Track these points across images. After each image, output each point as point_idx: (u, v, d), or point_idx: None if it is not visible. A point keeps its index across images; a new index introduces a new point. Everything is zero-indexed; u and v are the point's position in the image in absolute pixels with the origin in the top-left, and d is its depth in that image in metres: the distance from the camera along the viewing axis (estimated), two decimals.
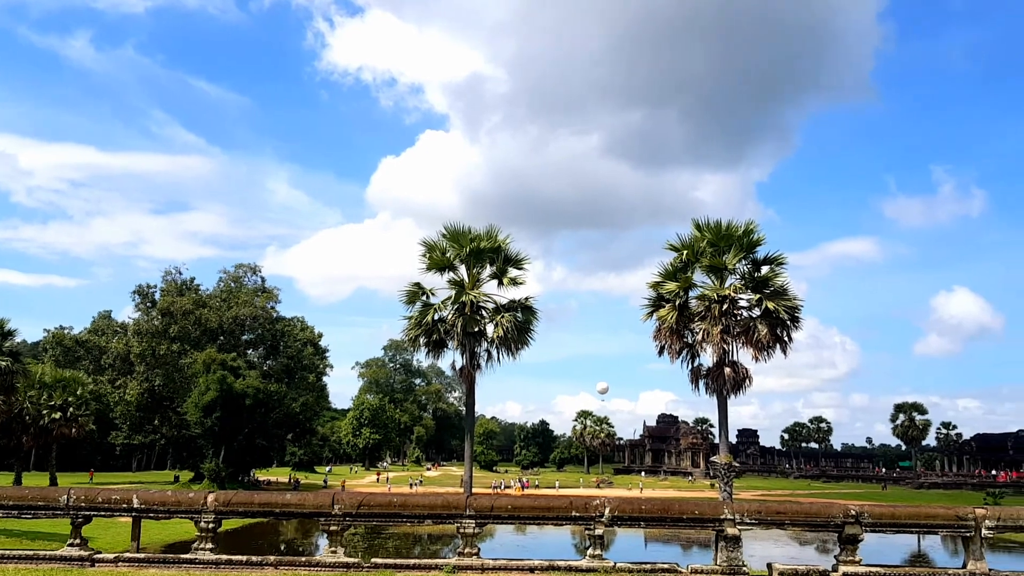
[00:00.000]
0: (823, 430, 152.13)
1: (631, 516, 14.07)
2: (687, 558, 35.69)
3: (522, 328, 26.56)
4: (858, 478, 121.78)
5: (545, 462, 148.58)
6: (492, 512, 14.02)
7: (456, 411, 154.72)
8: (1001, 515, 14.14)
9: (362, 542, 35.05)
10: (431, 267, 26.84)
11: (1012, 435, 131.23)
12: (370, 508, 14.04)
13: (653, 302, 26.25)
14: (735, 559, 13.72)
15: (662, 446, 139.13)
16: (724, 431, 26.75)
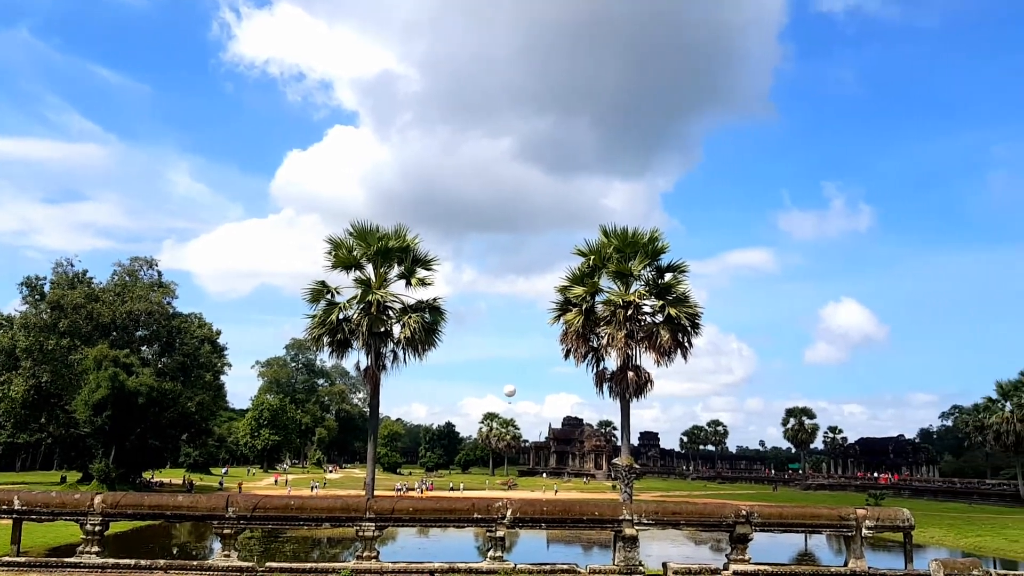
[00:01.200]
0: (720, 433, 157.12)
1: (533, 518, 14.17)
2: (587, 558, 36.19)
3: (429, 329, 26.38)
4: (751, 479, 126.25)
5: (450, 464, 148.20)
6: (393, 515, 13.88)
7: (360, 412, 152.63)
8: (880, 516, 14.91)
9: (258, 546, 34.11)
10: (337, 265, 26.36)
11: (892, 440, 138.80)
12: (266, 511, 13.69)
13: (560, 306, 26.52)
14: (632, 559, 14.00)
15: (566, 448, 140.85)
16: (626, 434, 27.24)
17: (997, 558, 39.11)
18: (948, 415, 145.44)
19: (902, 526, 15.09)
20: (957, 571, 13.91)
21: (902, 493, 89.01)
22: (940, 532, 50.31)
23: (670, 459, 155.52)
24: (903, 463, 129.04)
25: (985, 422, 74.63)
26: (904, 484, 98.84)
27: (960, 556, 33.38)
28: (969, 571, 14.00)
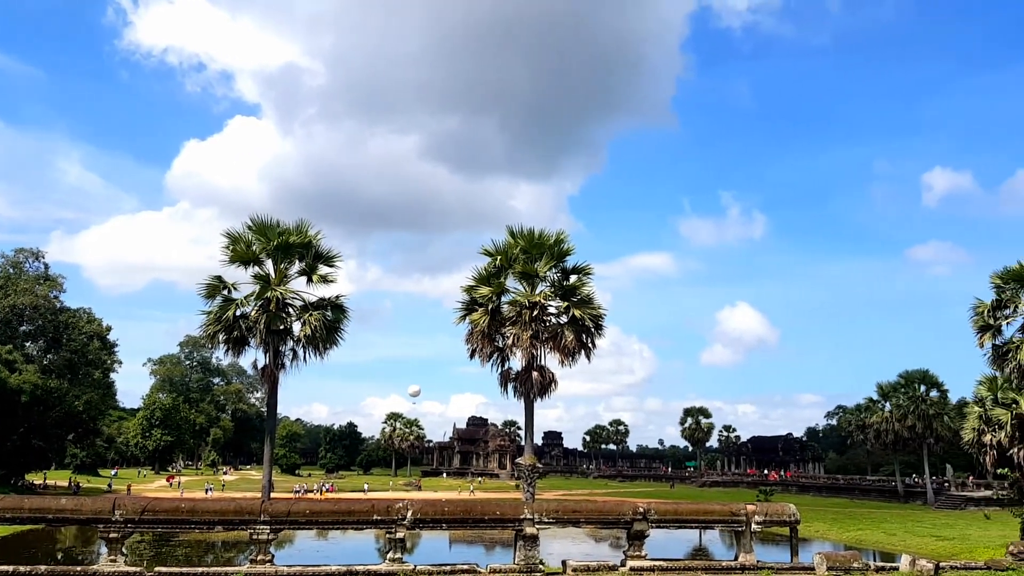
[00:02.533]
0: (621, 432, 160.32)
1: (434, 519, 14.08)
2: (489, 558, 36.29)
3: (331, 327, 25.87)
4: (650, 477, 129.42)
5: (351, 465, 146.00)
6: (289, 517, 13.55)
7: (258, 412, 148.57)
8: (768, 511, 15.50)
9: (149, 550, 32.82)
10: (235, 260, 25.53)
11: (781, 438, 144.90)
12: (155, 514, 13.13)
13: (466, 306, 26.46)
14: (532, 557, 14.10)
15: (471, 448, 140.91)
16: (530, 433, 27.44)
17: (876, 551, 41.28)
18: (833, 415, 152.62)
19: (788, 521, 15.72)
20: (838, 564, 14.58)
21: (790, 489, 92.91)
22: (824, 526, 52.78)
23: (573, 458, 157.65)
24: (792, 460, 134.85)
25: (866, 421, 78.64)
26: (792, 481, 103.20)
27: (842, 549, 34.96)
28: (849, 564, 14.70)
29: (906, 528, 49.36)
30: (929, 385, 73.67)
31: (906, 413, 72.70)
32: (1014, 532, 32.33)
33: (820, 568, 14.54)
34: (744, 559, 14.69)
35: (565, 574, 14.22)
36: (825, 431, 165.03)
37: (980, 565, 16.17)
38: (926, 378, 73.84)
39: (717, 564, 15.13)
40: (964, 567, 16.00)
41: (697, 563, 14.95)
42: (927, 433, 71.91)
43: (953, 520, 54.06)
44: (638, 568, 14.05)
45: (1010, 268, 27.06)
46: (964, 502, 67.85)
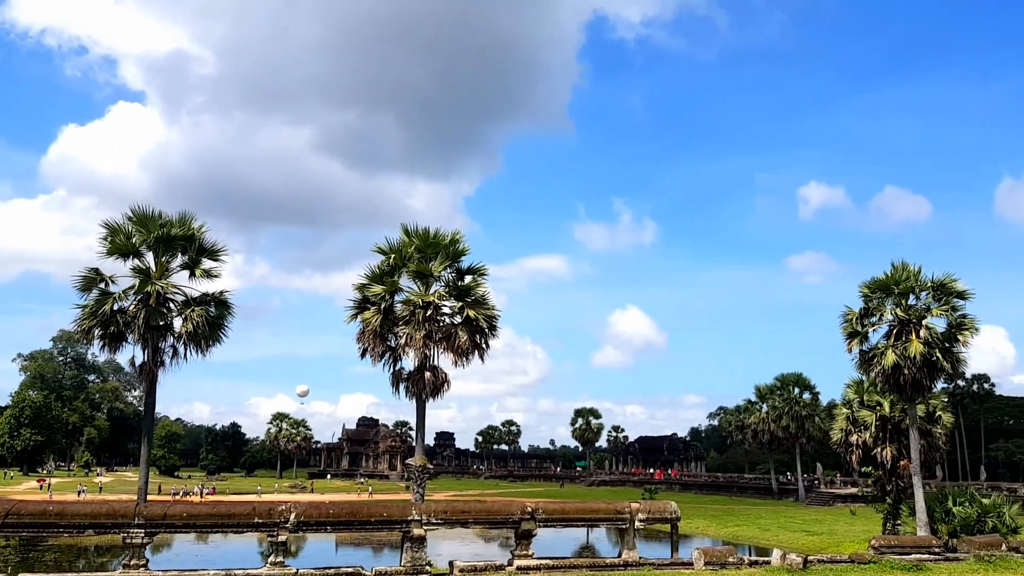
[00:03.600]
0: (513, 433, 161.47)
1: (318, 521, 13.79)
2: (376, 560, 35.91)
3: (214, 324, 24.97)
4: (541, 477, 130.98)
5: (235, 467, 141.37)
6: (165, 520, 12.99)
7: (135, 411, 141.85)
8: (651, 509, 15.95)
9: (15, 555, 30.84)
10: (113, 252, 24.29)
11: (667, 438, 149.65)
12: (20, 517, 12.34)
13: (358, 304, 26.06)
14: (419, 559, 14.02)
15: (361, 449, 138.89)
16: (421, 434, 27.26)
17: (752, 546, 43.12)
18: (715, 415, 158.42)
19: (670, 518, 16.22)
20: (715, 559, 15.15)
21: (674, 487, 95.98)
22: (705, 523, 54.72)
23: (465, 459, 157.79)
24: (676, 459, 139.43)
25: (745, 422, 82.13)
26: (676, 479, 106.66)
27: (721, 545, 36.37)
28: (725, 558, 15.30)
29: (779, 524, 51.81)
30: (802, 388, 77.62)
31: (781, 414, 76.35)
32: (877, 527, 34.45)
33: (698, 563, 15.07)
34: (627, 556, 15.06)
35: (452, 575, 14.20)
36: (707, 431, 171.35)
37: (845, 559, 17.12)
38: (800, 381, 77.78)
39: (602, 561, 15.44)
40: (831, 560, 16.90)
41: (582, 561, 15.22)
42: (800, 433, 75.71)
43: (822, 516, 57.11)
44: (525, 567, 14.18)
45: (877, 278, 28.70)
46: (832, 499, 71.77)
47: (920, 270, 28.22)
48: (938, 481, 65.15)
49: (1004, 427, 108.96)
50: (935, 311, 27.82)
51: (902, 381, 27.49)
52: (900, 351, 27.20)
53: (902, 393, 28.45)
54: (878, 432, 33.00)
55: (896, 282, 28.26)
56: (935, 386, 30.35)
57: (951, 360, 27.55)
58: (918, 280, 28.12)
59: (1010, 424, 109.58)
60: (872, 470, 34.05)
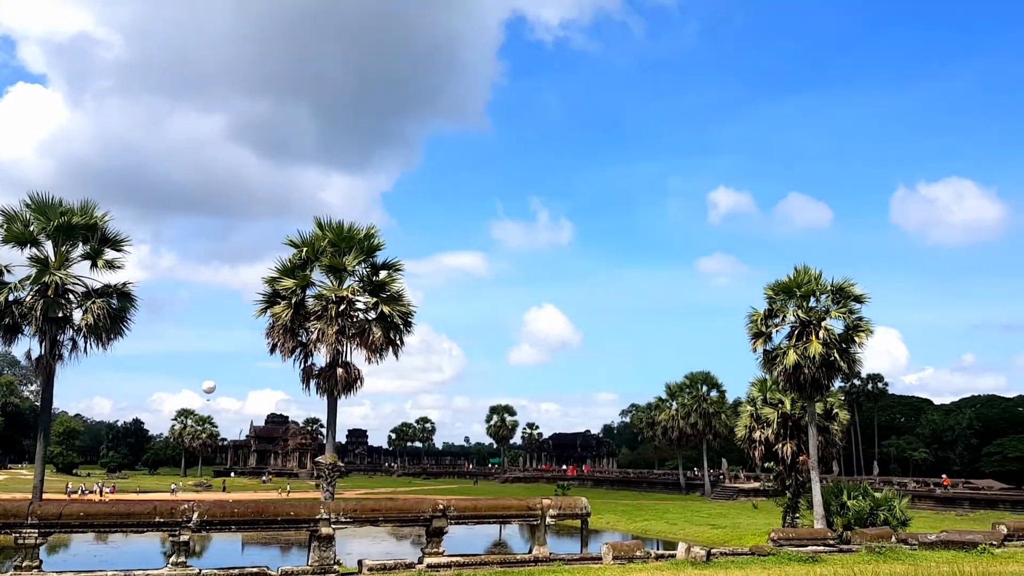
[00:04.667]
0: (428, 430, 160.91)
1: (223, 520, 13.44)
2: (284, 560, 35.26)
3: (116, 317, 24.00)
4: (455, 474, 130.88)
5: (137, 464, 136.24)
6: (61, 520, 12.44)
7: (31, 407, 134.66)
8: (562, 505, 16.15)
9: None
10: (9, 240, 23.07)
11: (580, 435, 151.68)
12: None
13: (268, 298, 25.46)
14: (327, 558, 13.82)
15: (269, 447, 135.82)
16: (332, 431, 26.86)
17: (660, 539, 44.18)
18: (627, 412, 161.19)
19: (580, 514, 16.46)
20: (623, 553, 15.46)
21: (586, 483, 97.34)
22: (615, 518, 55.76)
23: (378, 456, 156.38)
24: (589, 456, 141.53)
25: (656, 419, 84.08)
26: (588, 475, 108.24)
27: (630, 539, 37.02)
28: (633, 552, 15.62)
29: (686, 518, 53.23)
30: (710, 386, 79.96)
31: (690, 411, 78.48)
32: (777, 520, 35.78)
33: (607, 557, 15.34)
34: (538, 551, 15.21)
35: (361, 574, 14.06)
36: (620, 428, 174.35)
37: (746, 551, 17.72)
38: (708, 379, 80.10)
39: (512, 557, 15.56)
40: (732, 553, 17.46)
41: (493, 557, 15.29)
42: (707, 430, 77.99)
43: (726, 510, 58.95)
44: (435, 565, 14.15)
45: (780, 281, 29.83)
46: (736, 493, 74.15)
47: (821, 274, 29.45)
48: (835, 476, 68.14)
49: (896, 424, 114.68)
50: (834, 313, 29.08)
51: (802, 380, 28.62)
52: (801, 351, 28.31)
53: (802, 391, 29.62)
54: (780, 429, 34.26)
55: (798, 285, 29.42)
56: (833, 385, 31.73)
57: (848, 360, 28.85)
58: (819, 284, 29.34)
59: (902, 422, 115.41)
60: (774, 465, 35.36)
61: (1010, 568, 14.97)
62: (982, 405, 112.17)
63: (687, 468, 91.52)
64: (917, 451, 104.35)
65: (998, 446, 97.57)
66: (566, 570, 14.30)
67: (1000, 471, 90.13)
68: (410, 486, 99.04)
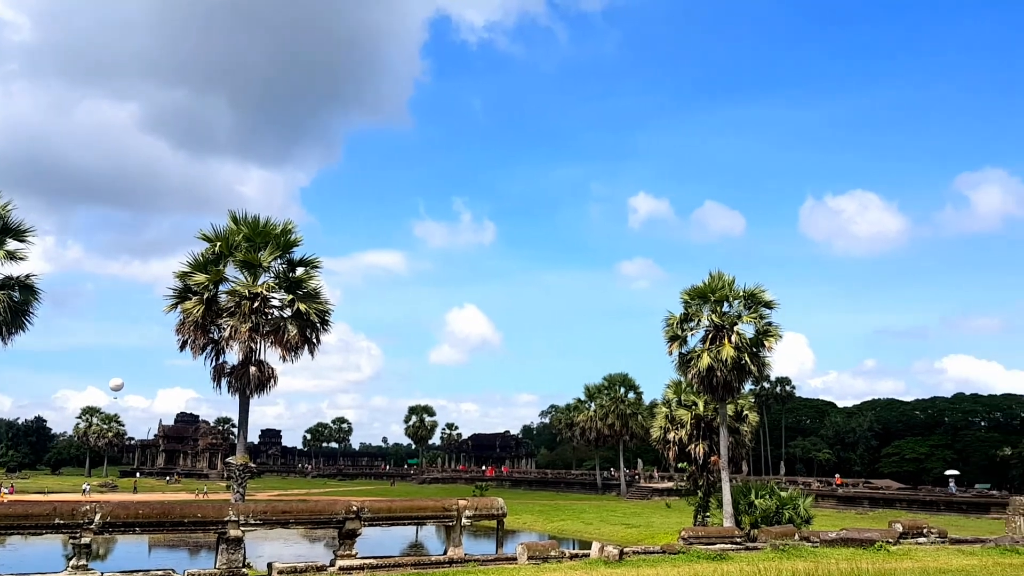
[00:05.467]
0: (344, 430, 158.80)
1: (126, 522, 12.95)
2: (193, 562, 34.30)
3: (18, 310, 22.87)
4: (372, 475, 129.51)
5: (39, 464, 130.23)
6: None
7: None
8: (478, 505, 16.16)
9: None
10: None
11: (500, 435, 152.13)
12: None
13: (179, 293, 24.64)
14: (235, 561, 13.48)
15: (179, 447, 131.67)
16: (243, 431, 26.23)
17: (576, 539, 44.69)
18: (546, 413, 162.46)
19: (496, 514, 16.51)
20: (538, 553, 15.57)
21: (504, 484, 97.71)
22: (532, 518, 56.15)
23: (292, 457, 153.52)
24: (508, 456, 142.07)
25: (574, 419, 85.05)
26: (507, 476, 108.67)
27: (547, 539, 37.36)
28: (548, 552, 15.75)
29: (601, 518, 54.01)
30: (628, 388, 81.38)
31: (608, 412, 79.68)
32: (689, 519, 36.62)
33: (522, 558, 15.42)
34: (453, 552, 15.18)
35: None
36: (539, 428, 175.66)
37: (657, 549, 18.09)
38: (625, 381, 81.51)
39: (427, 559, 15.48)
40: (644, 552, 17.79)
41: (408, 559, 15.18)
42: (624, 431, 79.34)
43: (641, 509, 60.09)
44: (348, 567, 13.96)
45: (696, 287, 30.63)
46: (651, 493, 75.64)
47: (734, 280, 30.38)
48: (744, 476, 70.22)
49: (802, 426, 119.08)
50: (746, 318, 30.02)
51: (715, 382, 29.44)
52: (714, 354, 29.11)
53: (715, 393, 30.45)
54: (693, 430, 35.11)
55: (713, 290, 30.26)
56: (744, 387, 32.71)
57: (758, 364, 29.84)
58: (732, 289, 30.24)
59: (807, 423, 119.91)
60: (687, 465, 36.25)
61: (904, 564, 15.70)
62: (882, 408, 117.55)
63: (604, 468, 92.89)
64: (821, 452, 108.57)
65: (896, 447, 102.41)
66: (481, 571, 14.30)
67: (898, 471, 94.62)
68: (325, 487, 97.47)
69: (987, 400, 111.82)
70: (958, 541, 21.55)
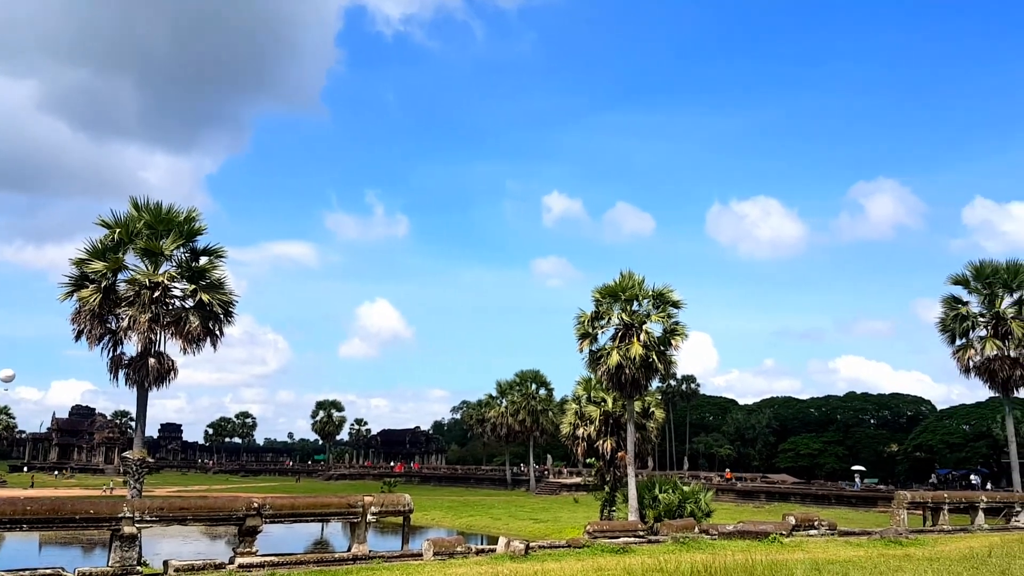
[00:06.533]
0: (248, 425, 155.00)
1: (13, 519, 12.30)
2: (87, 560, 33.08)
3: None
4: (276, 471, 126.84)
5: None
6: None
7: None
8: (384, 502, 16.03)
9: None
10: None
11: (409, 431, 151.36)
12: None
13: (76, 281, 23.53)
14: (129, 558, 12.98)
15: (73, 441, 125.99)
16: (141, 425, 25.35)
17: (484, 535, 44.89)
18: (458, 409, 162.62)
19: (402, 510, 16.40)
20: (444, 549, 15.55)
21: (413, 480, 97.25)
22: (441, 514, 56.09)
23: (193, 452, 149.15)
24: (418, 452, 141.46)
25: (485, 415, 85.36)
26: (416, 472, 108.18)
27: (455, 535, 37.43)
28: (454, 548, 15.74)
29: (510, 513, 54.42)
30: (539, 384, 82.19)
31: (519, 408, 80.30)
32: (596, 514, 37.26)
33: (428, 554, 15.36)
34: (357, 549, 14.99)
35: (167, 574, 13.29)
36: (450, 425, 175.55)
37: (563, 544, 18.31)
38: (537, 378, 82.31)
39: (330, 556, 15.24)
40: (550, 546, 17.98)
41: (310, 556, 14.91)
42: (535, 427, 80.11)
43: (549, 504, 60.78)
44: (247, 565, 13.61)
45: (607, 285, 31.18)
46: (560, 488, 76.56)
47: (643, 280, 31.04)
48: (649, 471, 71.88)
49: (705, 423, 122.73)
50: (654, 317, 30.73)
51: (624, 379, 30.02)
52: (623, 352, 29.69)
53: (623, 390, 31.05)
54: (602, 426, 35.73)
55: (623, 289, 30.85)
56: (651, 385, 33.53)
57: (665, 362, 30.59)
58: (642, 289, 30.91)
59: (710, 420, 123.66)
60: (595, 461, 36.85)
61: (796, 556, 16.36)
62: (779, 406, 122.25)
63: (514, 464, 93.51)
64: (723, 447, 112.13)
65: (792, 443, 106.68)
66: (385, 568, 14.17)
67: (793, 466, 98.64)
68: (227, 484, 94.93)
69: (876, 399, 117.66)
70: (846, 533, 22.60)
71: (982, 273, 38.08)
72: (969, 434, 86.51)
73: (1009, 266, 37.88)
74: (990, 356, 37.00)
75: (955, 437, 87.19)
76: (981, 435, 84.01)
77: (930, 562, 15.31)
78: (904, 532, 22.36)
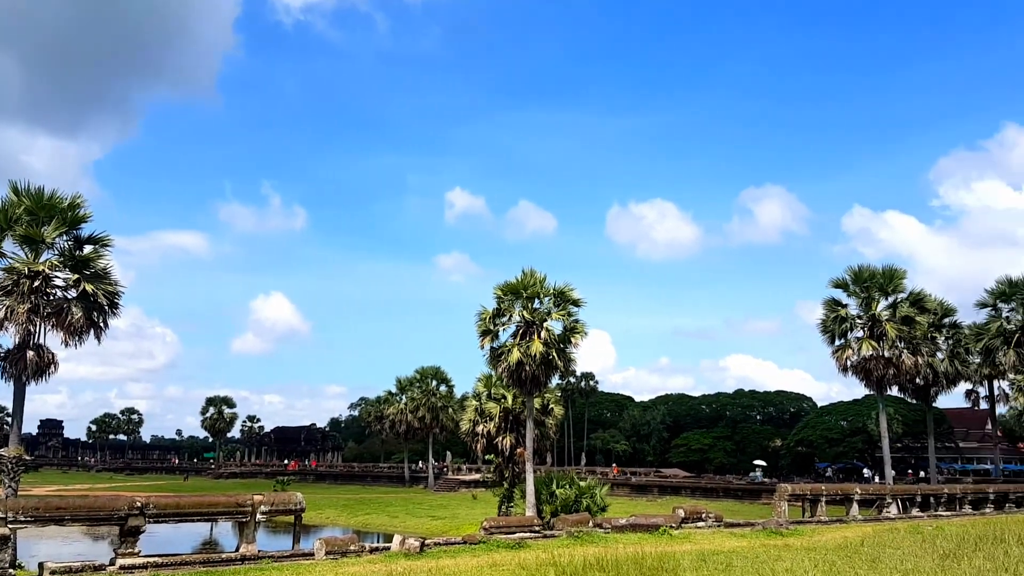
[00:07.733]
0: (134, 422, 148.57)
1: None
2: None
3: None
4: (163, 470, 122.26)
5: None
6: None
7: None
8: (275, 501, 15.70)
9: None
10: None
11: (305, 428, 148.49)
12: None
13: None
14: (2, 560, 12.28)
15: None
16: (18, 421, 24.07)
17: (381, 532, 44.50)
18: (356, 406, 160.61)
19: (293, 509, 16.09)
20: (336, 548, 15.33)
21: (308, 478, 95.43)
22: (336, 512, 55.25)
23: (75, 450, 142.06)
24: (314, 450, 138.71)
25: (384, 412, 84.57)
26: (312, 470, 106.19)
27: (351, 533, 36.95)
28: (347, 547, 15.55)
29: (408, 511, 54.11)
30: (440, 381, 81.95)
31: (419, 405, 79.86)
32: (495, 510, 37.49)
33: (319, 553, 15.11)
34: (245, 549, 14.62)
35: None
36: (348, 421, 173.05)
37: (459, 540, 18.35)
38: (438, 374, 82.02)
39: (217, 556, 14.79)
40: (446, 543, 17.99)
41: (196, 557, 14.42)
42: (435, 424, 79.85)
43: (448, 501, 60.78)
44: (129, 566, 13.07)
45: (509, 283, 31.39)
46: (459, 485, 76.70)
47: (545, 278, 31.41)
48: (548, 467, 72.90)
49: (603, 419, 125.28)
50: (555, 315, 31.15)
51: (524, 376, 30.31)
52: (524, 349, 29.97)
53: (523, 387, 31.35)
54: (501, 423, 35.99)
55: (525, 287, 31.14)
56: (551, 382, 33.95)
57: (565, 359, 31.06)
58: (543, 287, 31.27)
59: (608, 416, 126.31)
60: (494, 457, 37.06)
61: (684, 547, 16.92)
62: (673, 403, 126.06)
63: (413, 461, 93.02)
64: (619, 443, 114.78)
65: (684, 439, 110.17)
66: (275, 568, 13.87)
67: (685, 461, 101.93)
68: (111, 482, 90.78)
69: (762, 396, 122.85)
70: (732, 525, 23.51)
71: (860, 277, 40.37)
72: (847, 430, 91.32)
73: (885, 271, 40.36)
74: (866, 356, 39.22)
75: (834, 432, 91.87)
76: (857, 431, 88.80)
77: (808, 551, 16.12)
78: (785, 523, 23.45)
